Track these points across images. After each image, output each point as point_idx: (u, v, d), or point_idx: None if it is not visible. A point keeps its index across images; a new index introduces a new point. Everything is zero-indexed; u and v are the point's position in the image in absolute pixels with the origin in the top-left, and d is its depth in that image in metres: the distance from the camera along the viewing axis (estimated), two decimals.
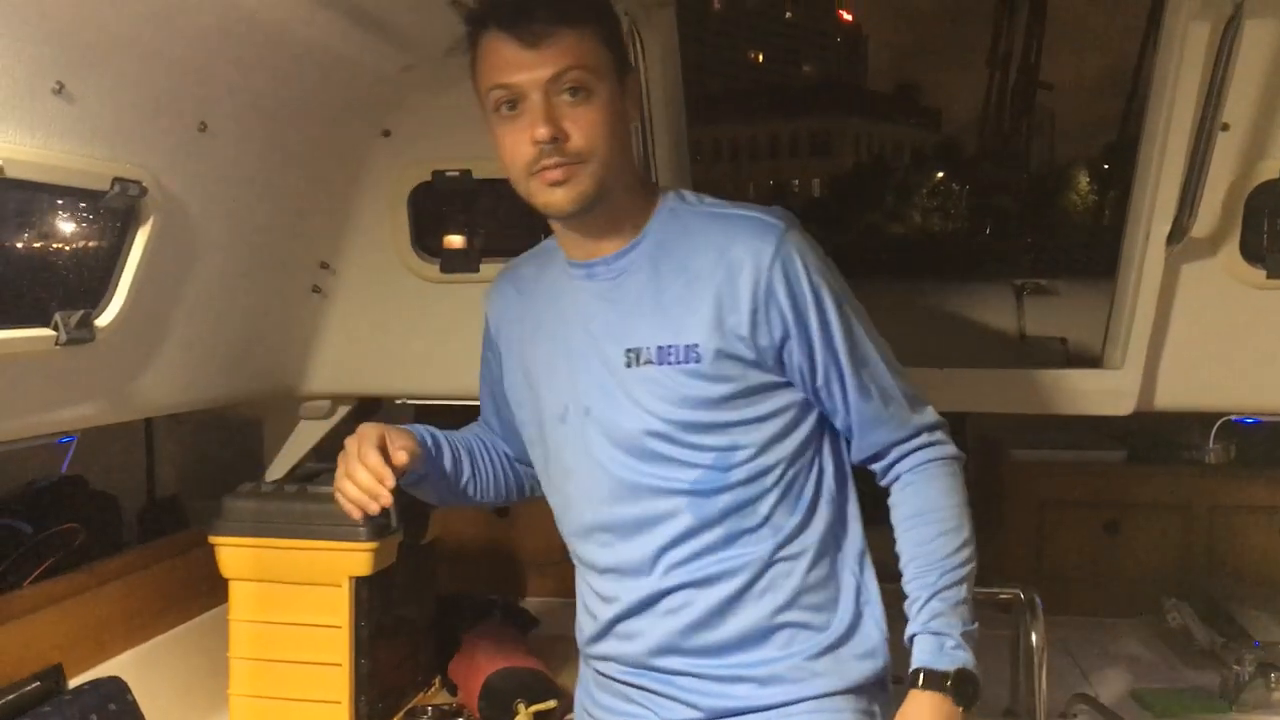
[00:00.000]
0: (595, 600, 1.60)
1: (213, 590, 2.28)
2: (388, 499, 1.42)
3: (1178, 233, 2.14)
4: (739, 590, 1.48)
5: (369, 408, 2.92)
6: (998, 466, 3.25)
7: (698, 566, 1.48)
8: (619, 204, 1.50)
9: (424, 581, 2.50)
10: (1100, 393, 2.42)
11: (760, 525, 1.48)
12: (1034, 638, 2.25)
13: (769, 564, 1.48)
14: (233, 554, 2.25)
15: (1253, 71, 2.06)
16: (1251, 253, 2.25)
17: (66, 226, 1.77)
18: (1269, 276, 2.24)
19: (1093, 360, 2.54)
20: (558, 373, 1.54)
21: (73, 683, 1.97)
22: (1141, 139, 2.28)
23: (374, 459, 1.44)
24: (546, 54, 1.40)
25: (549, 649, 2.77)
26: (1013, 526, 3.14)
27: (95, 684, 1.97)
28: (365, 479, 1.43)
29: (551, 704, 2.31)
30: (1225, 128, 2.10)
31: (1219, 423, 2.66)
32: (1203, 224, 2.16)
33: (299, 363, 2.56)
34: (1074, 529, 3.04)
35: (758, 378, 1.47)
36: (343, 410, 2.75)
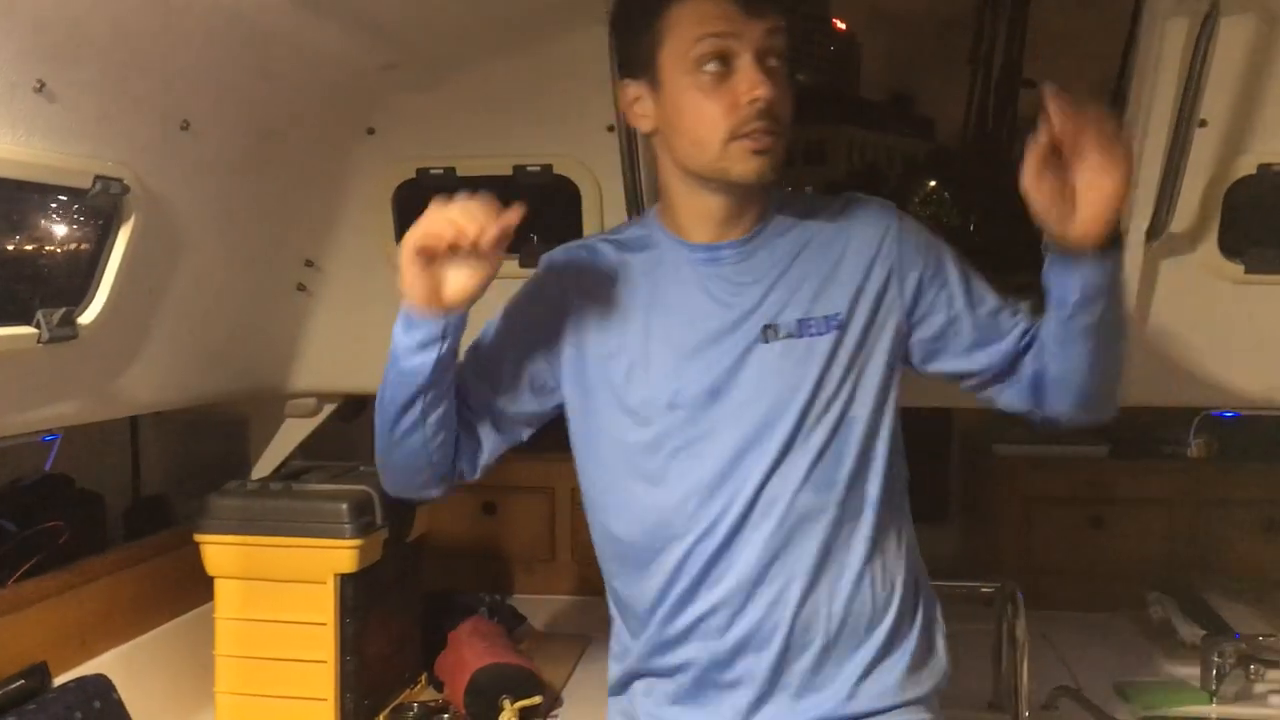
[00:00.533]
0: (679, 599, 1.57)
1: (198, 588, 2.28)
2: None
3: (1156, 229, 2.16)
4: None
5: (355, 405, 2.92)
6: (982, 462, 3.27)
7: None
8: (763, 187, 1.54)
9: (410, 578, 2.50)
10: None
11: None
12: (1016, 631, 2.27)
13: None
14: (218, 552, 2.25)
15: (1230, 67, 2.07)
16: (1230, 248, 2.26)
17: (48, 224, 1.77)
18: (1247, 271, 2.25)
19: None
20: (668, 358, 1.54)
21: (57, 681, 1.97)
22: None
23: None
24: (764, 18, 1.44)
25: (536, 646, 2.79)
26: (997, 521, 3.16)
27: (80, 682, 1.97)
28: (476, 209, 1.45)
29: (536, 700, 2.32)
30: (1203, 124, 2.11)
31: (1199, 417, 2.68)
32: (1181, 220, 2.17)
33: (284, 361, 2.56)
34: (1058, 523, 3.05)
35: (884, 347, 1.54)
36: (328, 408, 2.76)
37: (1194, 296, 2.29)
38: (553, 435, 3.54)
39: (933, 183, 4.22)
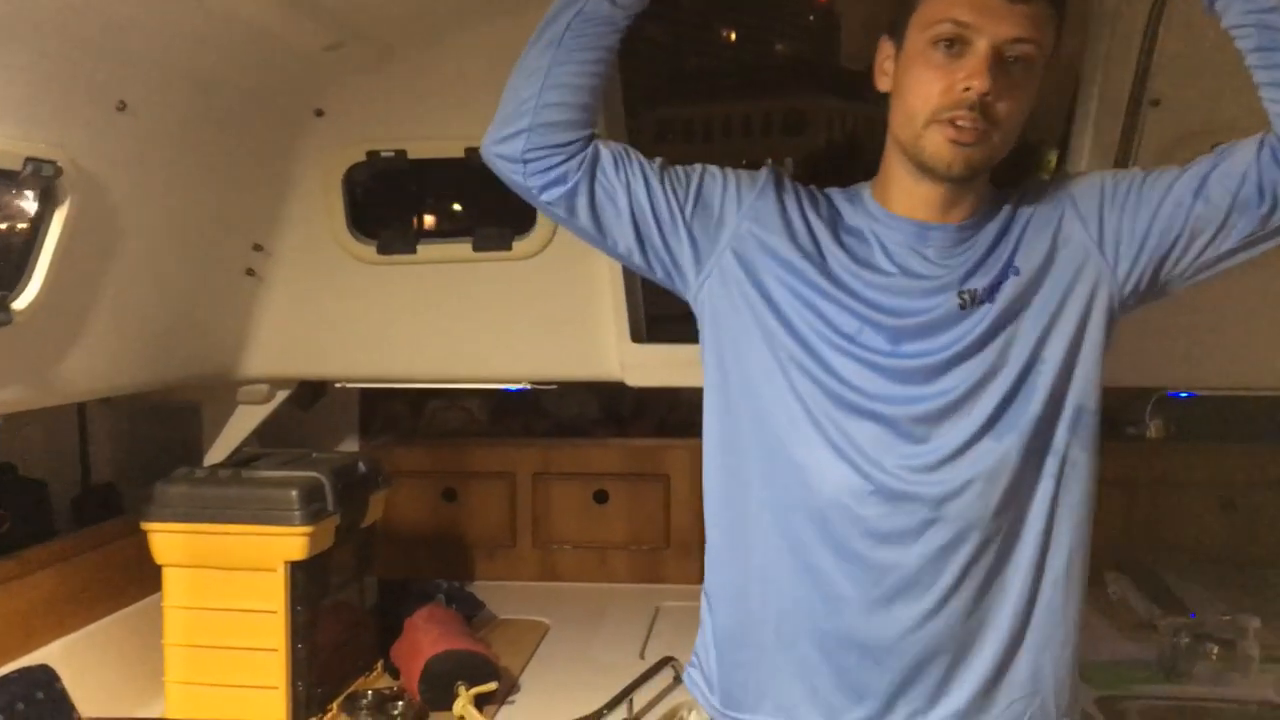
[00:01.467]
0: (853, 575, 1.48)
1: (146, 577, 2.25)
2: None
3: None
4: None
5: (311, 391, 2.90)
6: None
7: None
8: (985, 178, 1.50)
9: (364, 565, 2.48)
10: None
11: None
12: None
13: None
14: (166, 540, 2.22)
15: (1182, 46, 2.07)
16: None
17: None
18: None
19: None
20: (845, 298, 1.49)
21: None
22: (1075, 116, 2.28)
23: None
24: (1019, 15, 1.38)
25: (494, 632, 2.77)
26: None
27: (22, 672, 1.94)
28: None
29: (492, 686, 2.30)
30: (1156, 103, 2.11)
31: (1155, 398, 2.69)
32: None
33: (234, 346, 2.53)
34: None
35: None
36: (281, 394, 2.73)
37: None
38: (513, 421, 3.54)
39: None
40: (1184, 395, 2.61)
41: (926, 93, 1.41)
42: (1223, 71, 1.74)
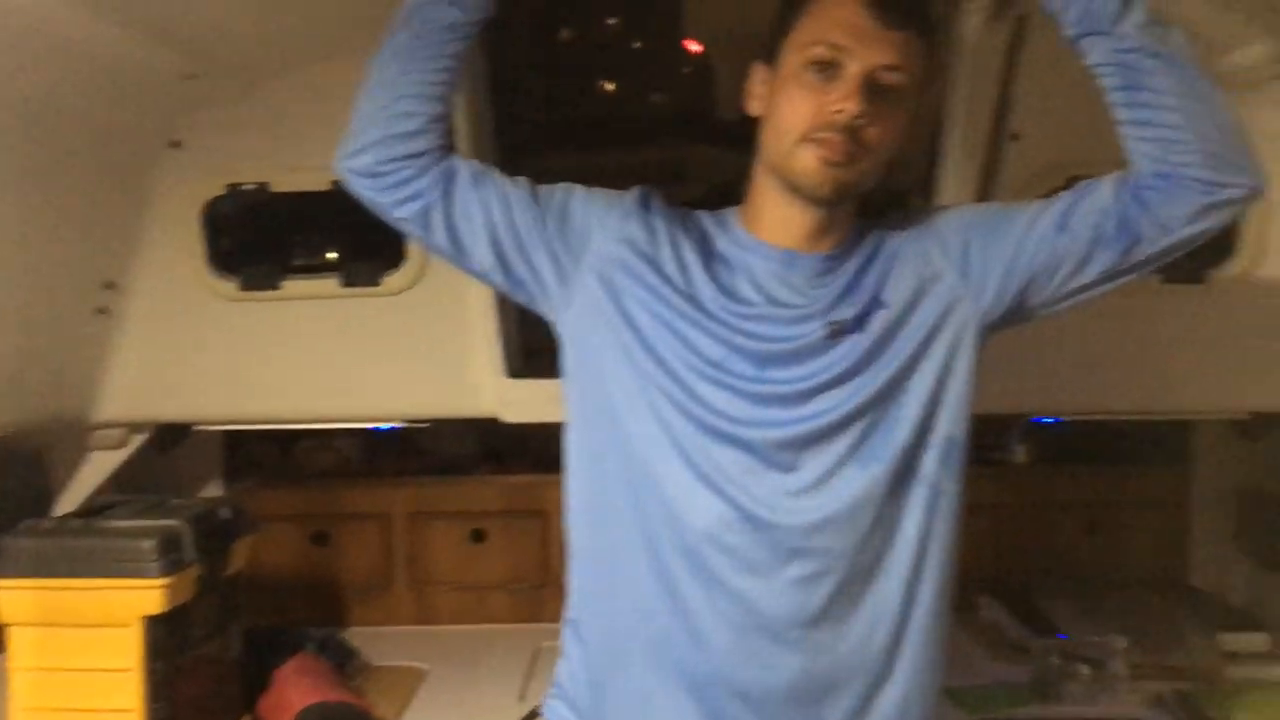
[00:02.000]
0: None
1: None
2: None
3: None
4: None
5: (171, 435, 2.77)
6: None
7: None
8: (852, 206, 1.51)
9: (229, 616, 2.36)
10: None
11: None
12: None
13: None
14: (11, 597, 2.08)
15: (1039, 80, 2.13)
16: None
17: None
18: (1163, 282, 2.32)
19: None
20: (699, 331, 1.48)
21: None
22: (937, 154, 2.33)
23: None
24: (890, 42, 1.39)
25: (369, 681, 2.68)
26: None
27: None
28: None
29: None
30: (1015, 137, 2.17)
31: (1021, 424, 2.77)
32: None
33: (85, 389, 2.40)
34: None
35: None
36: (138, 439, 2.60)
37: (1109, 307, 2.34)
38: (387, 460, 3.45)
39: None
40: (1048, 421, 2.69)
41: (799, 112, 1.41)
42: (1079, 105, 1.80)
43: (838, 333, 1.46)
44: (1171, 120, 1.37)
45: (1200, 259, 2.30)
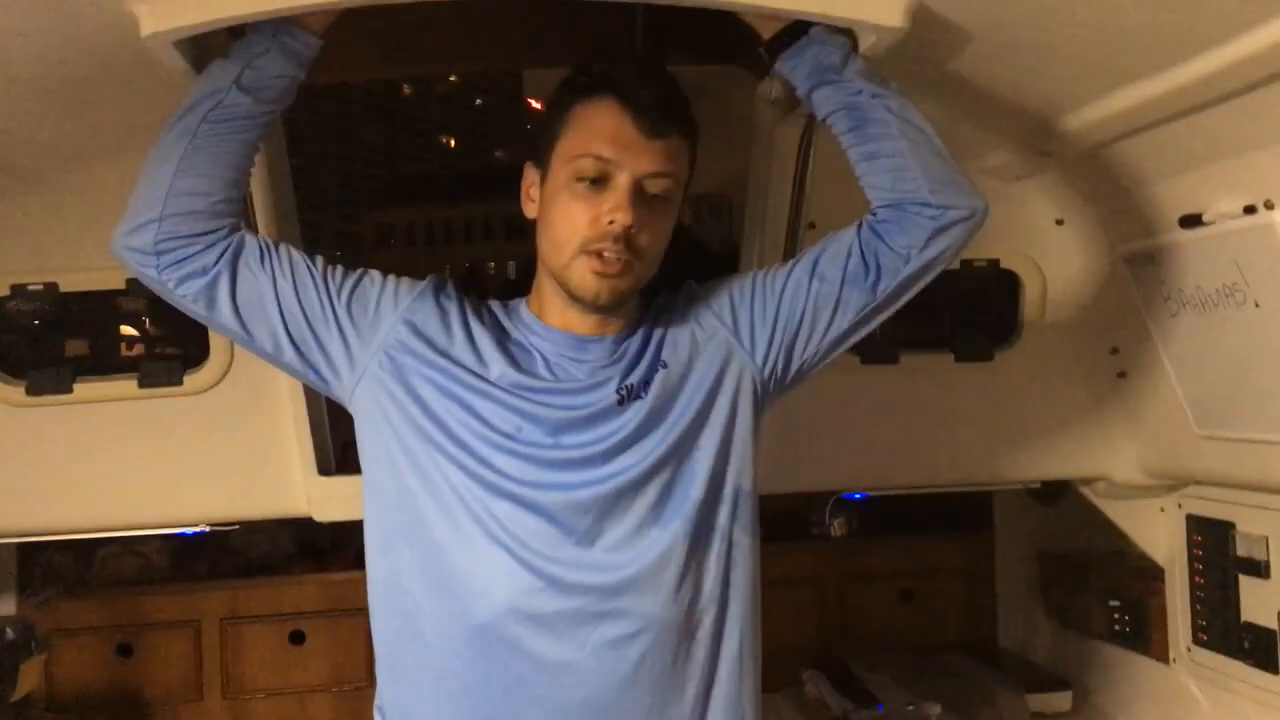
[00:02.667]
0: None
1: None
2: None
3: None
4: None
5: None
6: None
7: None
8: (634, 301, 1.56)
9: None
10: None
11: None
12: None
13: None
14: None
15: (829, 171, 2.23)
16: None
17: None
18: (863, 362, 2.41)
19: None
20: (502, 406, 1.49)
21: None
22: (742, 241, 2.41)
23: None
24: (656, 150, 1.44)
25: None
26: None
27: None
28: None
29: None
30: (812, 225, 2.26)
31: (831, 500, 2.86)
32: None
33: None
34: None
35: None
36: None
37: (816, 386, 2.41)
38: (197, 564, 3.30)
39: None
40: (857, 497, 2.78)
41: (573, 225, 1.46)
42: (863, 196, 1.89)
43: (627, 398, 1.51)
44: (896, 149, 1.51)
45: (989, 339, 2.44)
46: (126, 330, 2.39)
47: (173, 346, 2.34)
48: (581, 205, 1.45)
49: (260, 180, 2.08)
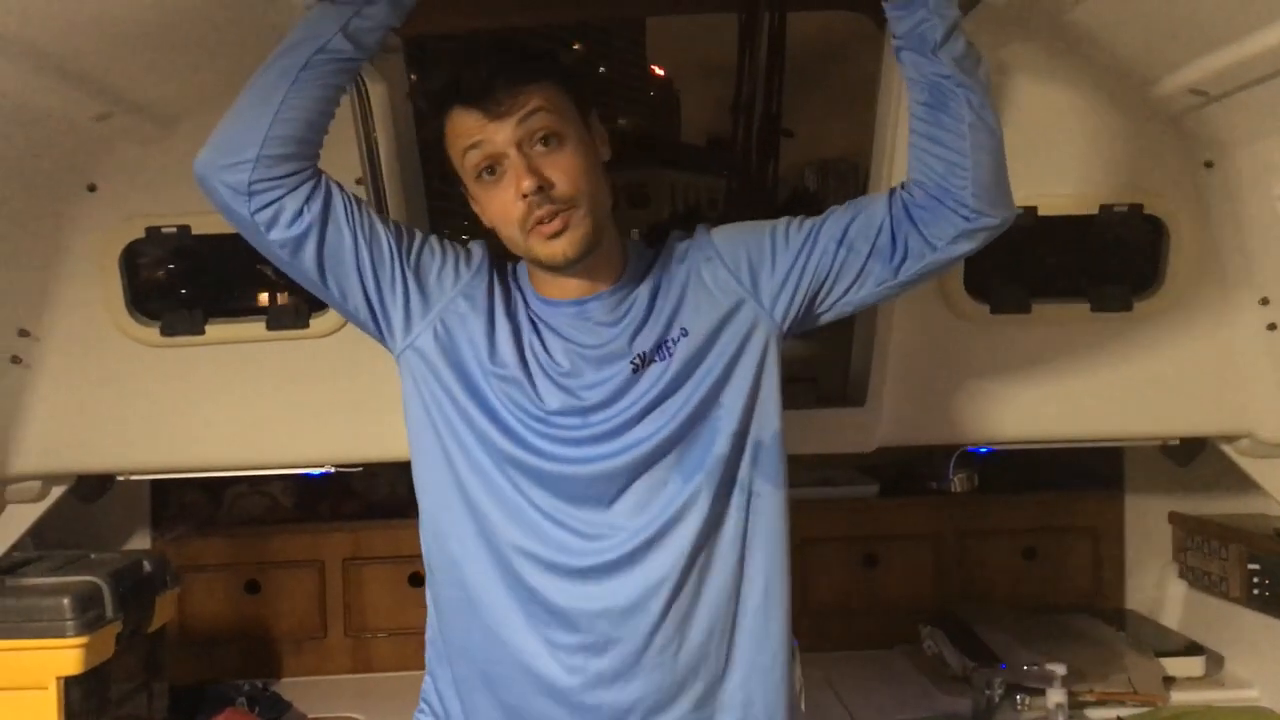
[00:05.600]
0: None
1: None
2: None
3: None
4: None
5: (93, 486, 2.68)
6: None
7: None
8: (609, 241, 1.59)
9: (152, 673, 2.30)
10: (846, 430, 2.47)
11: None
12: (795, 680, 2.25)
13: None
14: None
15: None
16: (976, 288, 2.34)
17: None
18: (992, 311, 2.34)
19: (841, 399, 2.59)
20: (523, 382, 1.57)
21: None
22: (870, 180, 2.34)
23: None
24: (512, 115, 1.48)
25: None
26: None
27: None
28: None
29: None
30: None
31: (956, 454, 2.78)
32: None
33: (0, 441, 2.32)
34: (833, 564, 3.08)
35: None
36: (57, 491, 2.51)
37: (945, 337, 2.36)
38: (321, 505, 3.38)
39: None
40: (982, 451, 2.70)
41: (503, 215, 1.53)
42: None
43: (642, 365, 1.56)
44: (959, 146, 1.52)
45: (1128, 288, 2.34)
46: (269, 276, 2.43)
47: (298, 290, 2.37)
48: (495, 193, 1.52)
49: (389, 151, 2.11)
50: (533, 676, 1.56)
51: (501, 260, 1.68)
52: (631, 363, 1.56)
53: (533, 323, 1.61)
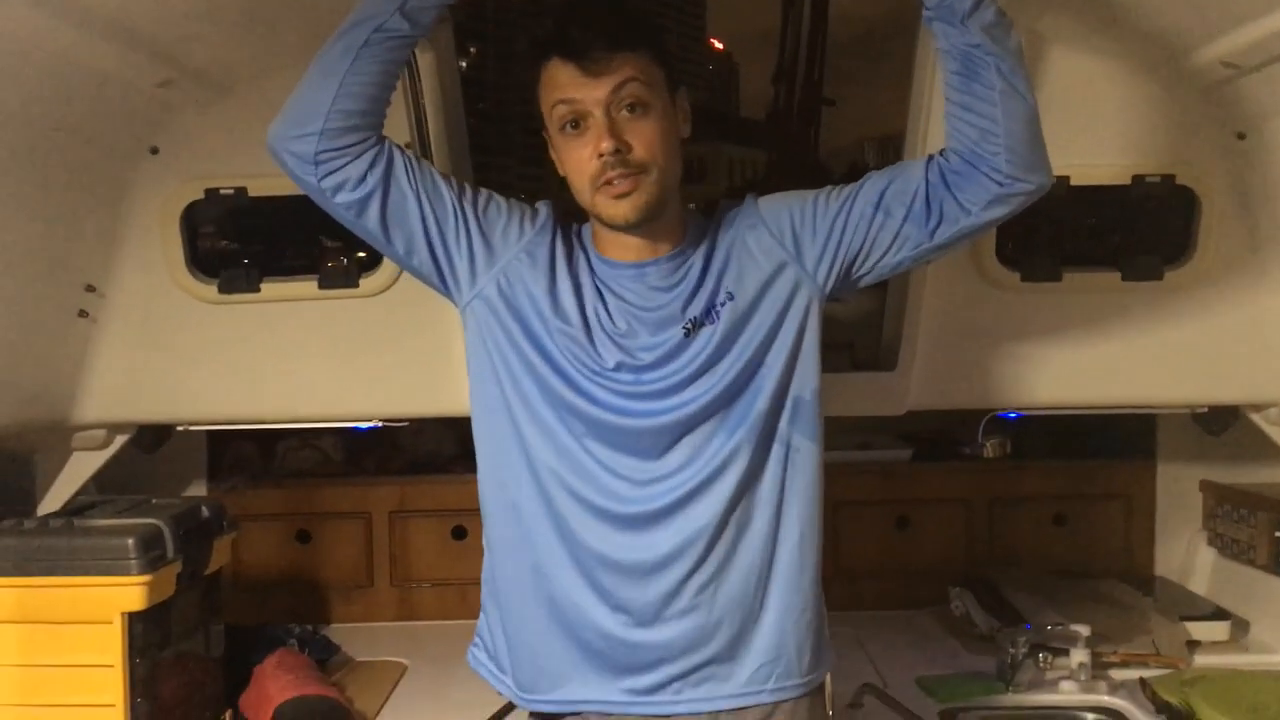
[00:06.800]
0: None
1: None
2: None
3: None
4: None
5: (155, 435, 2.81)
6: None
7: None
8: (673, 210, 1.66)
9: (210, 613, 2.41)
10: (878, 394, 2.52)
11: None
12: None
13: None
14: None
15: None
16: (1007, 257, 2.38)
17: None
18: (1023, 279, 2.38)
19: (874, 363, 2.64)
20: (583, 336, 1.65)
21: None
22: (904, 148, 2.38)
23: None
24: (606, 77, 1.56)
25: (349, 675, 2.72)
26: None
27: None
28: None
29: None
30: None
31: (986, 419, 2.82)
32: None
33: (68, 391, 2.44)
34: (867, 526, 3.14)
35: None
36: (120, 439, 2.63)
37: (975, 304, 2.40)
38: (368, 459, 3.48)
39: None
40: (1012, 416, 2.74)
41: (577, 169, 1.60)
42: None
43: (693, 329, 1.64)
44: (991, 113, 1.56)
45: (1159, 258, 2.37)
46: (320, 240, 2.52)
47: (349, 250, 2.46)
48: (573, 148, 1.59)
49: (437, 127, 2.18)
50: (576, 615, 1.65)
51: (567, 221, 1.75)
52: (684, 327, 1.63)
53: (594, 282, 1.68)
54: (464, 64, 2.44)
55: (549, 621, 1.68)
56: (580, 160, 1.58)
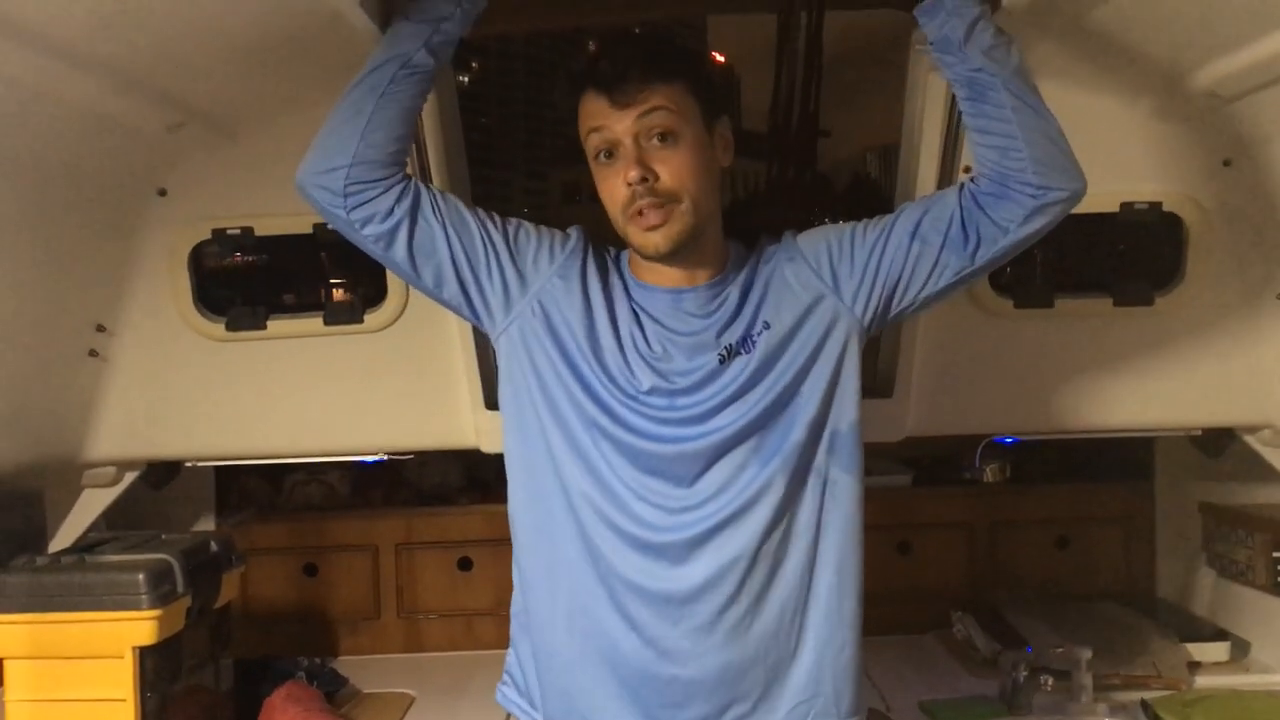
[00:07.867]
0: None
1: None
2: None
3: None
4: None
5: (163, 472, 2.84)
6: None
7: None
8: (710, 239, 1.69)
9: (219, 646, 2.44)
10: (876, 420, 2.54)
11: None
12: None
13: None
14: (7, 631, 2.15)
15: None
16: (1000, 284, 2.42)
17: None
18: (1016, 306, 2.41)
19: (871, 390, 2.66)
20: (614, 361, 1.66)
21: None
22: (896, 187, 2.42)
23: None
24: (633, 107, 1.58)
25: (358, 707, 2.74)
26: None
27: None
28: None
29: None
30: (966, 170, 2.26)
31: (983, 444, 2.85)
32: None
33: (78, 429, 2.48)
34: (868, 551, 3.11)
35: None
36: (130, 476, 2.67)
37: (970, 331, 2.43)
38: (374, 492, 3.51)
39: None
40: (1008, 440, 2.77)
41: (610, 197, 1.63)
42: None
43: (728, 357, 1.65)
44: (1006, 130, 1.59)
45: (1149, 283, 2.40)
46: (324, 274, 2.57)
47: (353, 289, 2.50)
48: (607, 175, 1.63)
49: (435, 142, 2.22)
50: (609, 647, 1.64)
51: (602, 245, 1.78)
52: (719, 354, 1.64)
53: (630, 305, 1.69)
54: (465, 79, 2.49)
55: (581, 653, 1.67)
56: (613, 189, 1.61)
